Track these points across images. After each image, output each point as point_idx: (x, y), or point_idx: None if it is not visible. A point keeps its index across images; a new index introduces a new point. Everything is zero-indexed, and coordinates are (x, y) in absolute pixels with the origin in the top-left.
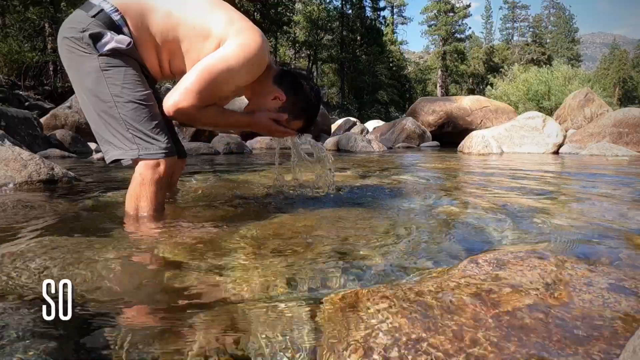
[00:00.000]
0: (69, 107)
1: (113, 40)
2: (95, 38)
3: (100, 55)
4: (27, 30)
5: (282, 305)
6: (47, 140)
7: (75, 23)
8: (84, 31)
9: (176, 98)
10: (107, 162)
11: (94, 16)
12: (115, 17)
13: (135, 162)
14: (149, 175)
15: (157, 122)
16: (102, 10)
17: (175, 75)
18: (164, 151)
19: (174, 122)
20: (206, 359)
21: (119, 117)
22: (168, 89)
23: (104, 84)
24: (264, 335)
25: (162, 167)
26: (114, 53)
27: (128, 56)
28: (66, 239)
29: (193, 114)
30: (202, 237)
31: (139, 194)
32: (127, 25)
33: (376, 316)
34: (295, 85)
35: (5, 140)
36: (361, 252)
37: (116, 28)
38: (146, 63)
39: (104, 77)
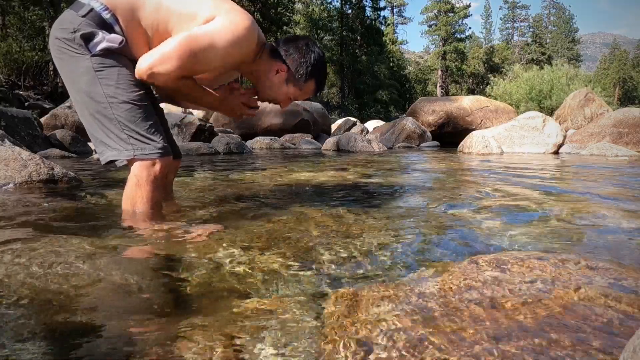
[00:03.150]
0: (69, 107)
1: (105, 40)
2: (87, 38)
3: (93, 55)
4: (27, 31)
5: (282, 305)
6: (47, 140)
7: (66, 23)
8: (75, 31)
9: (150, 61)
10: (102, 163)
11: (84, 15)
12: (106, 15)
13: (130, 162)
14: (145, 175)
15: (152, 122)
16: (92, 9)
17: None
18: (159, 151)
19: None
20: None
21: (113, 117)
22: None
23: (98, 84)
24: (263, 336)
25: (157, 167)
26: (107, 53)
27: (121, 55)
28: (66, 238)
29: (166, 82)
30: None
31: (135, 195)
32: (118, 23)
33: (377, 316)
34: (291, 50)
35: (5, 140)
36: (361, 252)
37: (107, 26)
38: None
39: (97, 78)
